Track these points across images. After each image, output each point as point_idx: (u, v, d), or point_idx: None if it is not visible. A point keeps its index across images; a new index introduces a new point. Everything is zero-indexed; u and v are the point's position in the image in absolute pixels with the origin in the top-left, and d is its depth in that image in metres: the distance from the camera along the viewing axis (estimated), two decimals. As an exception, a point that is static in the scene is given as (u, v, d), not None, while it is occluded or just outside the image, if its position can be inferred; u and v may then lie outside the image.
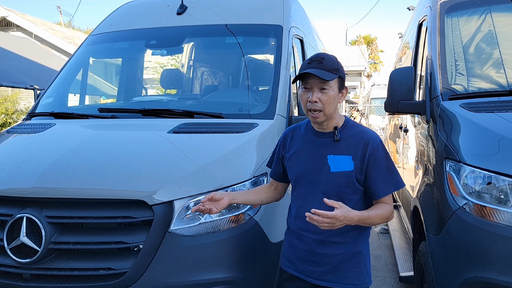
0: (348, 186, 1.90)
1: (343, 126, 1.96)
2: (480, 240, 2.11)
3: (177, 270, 2.18)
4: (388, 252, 4.98)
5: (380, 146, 1.92)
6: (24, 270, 2.19)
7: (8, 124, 9.50)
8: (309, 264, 1.97)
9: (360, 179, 1.90)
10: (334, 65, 1.88)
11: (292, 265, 2.04)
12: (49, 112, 3.44)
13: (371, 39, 41.67)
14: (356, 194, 1.93)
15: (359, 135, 1.93)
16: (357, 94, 31.79)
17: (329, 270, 1.94)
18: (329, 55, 1.93)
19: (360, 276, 1.96)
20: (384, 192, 1.90)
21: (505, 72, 2.85)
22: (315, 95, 1.85)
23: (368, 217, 1.84)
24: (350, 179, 1.89)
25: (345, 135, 1.94)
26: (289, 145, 2.08)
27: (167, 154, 2.57)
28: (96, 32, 4.14)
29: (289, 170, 2.07)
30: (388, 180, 1.91)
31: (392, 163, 1.95)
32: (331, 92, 1.86)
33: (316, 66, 1.84)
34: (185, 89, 4.70)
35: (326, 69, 1.85)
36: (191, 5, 3.95)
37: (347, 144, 1.92)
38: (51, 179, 2.33)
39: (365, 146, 1.90)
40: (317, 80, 1.85)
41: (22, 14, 15.00)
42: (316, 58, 1.88)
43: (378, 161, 1.90)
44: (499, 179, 2.13)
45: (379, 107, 15.62)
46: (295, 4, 4.25)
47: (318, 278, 1.96)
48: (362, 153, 1.89)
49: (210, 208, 1.98)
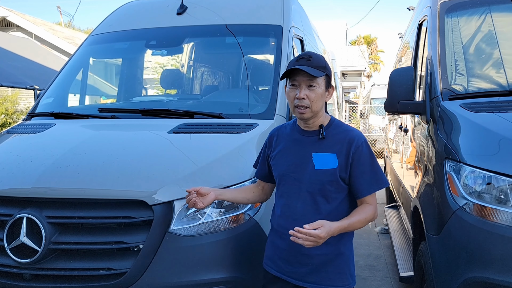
0: (332, 184, 1.91)
1: (328, 125, 1.99)
2: (480, 240, 2.11)
3: (177, 270, 2.18)
4: (388, 252, 4.98)
5: (364, 144, 1.94)
6: (24, 270, 2.19)
7: (8, 124, 9.50)
8: (292, 265, 1.98)
9: (345, 177, 1.92)
10: (322, 63, 1.91)
11: (275, 266, 2.04)
12: (49, 112, 3.44)
13: (371, 39, 41.66)
14: (341, 193, 1.94)
15: (343, 134, 1.96)
16: (357, 94, 31.78)
17: (312, 271, 1.94)
18: (316, 53, 1.96)
19: (342, 277, 1.96)
20: (368, 191, 1.92)
21: (505, 72, 2.85)
22: (303, 92, 1.88)
23: (349, 225, 1.86)
24: (334, 177, 1.90)
25: (330, 134, 1.96)
26: (274, 144, 2.09)
27: (167, 154, 2.57)
28: (96, 32, 4.14)
29: (274, 169, 2.08)
30: (372, 179, 1.93)
31: (376, 162, 1.96)
32: (318, 90, 1.89)
33: (304, 63, 1.87)
34: (185, 89, 4.70)
35: (314, 66, 1.87)
36: (191, 5, 3.95)
37: (331, 142, 1.94)
38: (51, 179, 2.33)
39: (349, 144, 1.92)
40: (305, 77, 1.87)
41: (22, 14, 15.00)
42: (304, 56, 1.91)
43: (362, 160, 1.92)
44: (499, 179, 2.13)
45: (379, 107, 15.61)
46: (295, 4, 4.25)
47: (300, 279, 1.96)
48: (347, 151, 1.91)
49: (196, 202, 1.96)
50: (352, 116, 17.93)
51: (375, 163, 1.95)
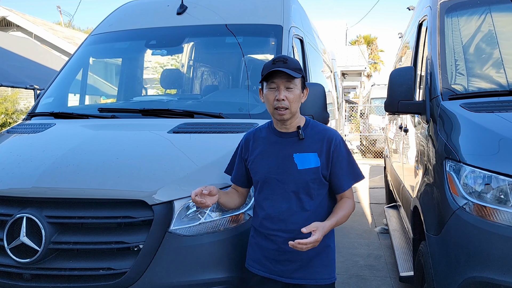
0: (315, 182, 1.98)
1: (305, 126, 2.05)
2: (480, 240, 2.11)
3: (177, 270, 2.18)
4: (388, 252, 4.98)
5: (342, 142, 2.04)
6: (24, 270, 2.19)
7: (8, 124, 9.50)
8: (280, 264, 2.01)
9: (326, 174, 2.00)
10: (298, 65, 1.97)
11: (262, 267, 2.06)
12: (49, 112, 3.44)
13: (371, 39, 41.66)
14: (323, 189, 2.02)
15: (322, 133, 2.03)
16: (357, 94, 31.79)
17: (300, 267, 2.00)
18: (290, 57, 2.02)
19: (329, 269, 2.04)
20: (347, 186, 2.03)
21: (505, 72, 2.85)
22: (282, 93, 1.93)
23: (337, 222, 1.95)
24: (317, 175, 1.97)
25: (308, 134, 2.03)
26: (251, 147, 2.12)
27: (167, 154, 2.57)
28: (96, 32, 4.14)
29: (253, 173, 2.09)
30: (349, 174, 2.03)
31: (352, 158, 2.07)
32: (296, 91, 1.96)
33: (282, 66, 1.92)
34: (185, 89, 4.70)
35: (291, 68, 1.93)
36: (191, 5, 3.95)
37: (311, 141, 2.01)
38: (51, 179, 2.33)
39: (329, 143, 2.00)
40: (284, 79, 1.93)
41: (22, 14, 15.00)
42: (279, 59, 1.96)
43: (341, 157, 2.01)
44: (499, 179, 2.13)
45: (379, 107, 15.61)
46: (295, 4, 4.25)
47: (289, 276, 2.01)
48: (327, 150, 1.99)
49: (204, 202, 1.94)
50: (352, 116, 17.92)
51: (352, 159, 2.06)
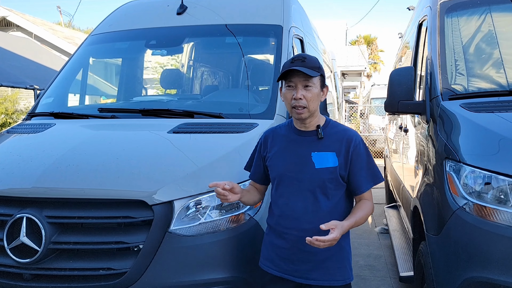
0: (332, 182, 1.96)
1: (325, 125, 2.04)
2: (480, 240, 2.11)
3: (177, 270, 2.18)
4: (388, 252, 4.98)
5: (361, 143, 2.01)
6: (24, 270, 2.19)
7: (8, 124, 9.50)
8: (293, 263, 2.00)
9: (344, 175, 1.98)
10: (316, 63, 1.96)
11: (274, 266, 2.06)
12: (49, 112, 3.44)
13: (371, 39, 41.64)
14: (340, 190, 2.00)
15: (341, 133, 2.02)
16: (357, 94, 31.78)
17: (314, 268, 1.98)
18: (310, 55, 2.02)
19: (343, 271, 2.01)
20: (366, 187, 2.00)
21: (505, 72, 2.85)
22: (300, 92, 1.93)
23: (355, 223, 1.93)
24: (334, 175, 1.96)
25: (327, 133, 2.01)
26: (270, 145, 2.12)
27: (167, 154, 2.57)
28: (96, 32, 4.14)
29: (271, 170, 2.10)
30: (368, 176, 2.01)
31: (372, 159, 2.04)
32: (314, 89, 1.94)
33: (300, 65, 1.92)
34: (185, 89, 4.70)
35: (309, 67, 1.92)
36: (191, 5, 3.95)
37: (329, 141, 2.00)
38: (51, 179, 2.33)
39: (348, 143, 1.98)
40: (301, 78, 1.92)
41: (22, 14, 15.00)
42: (298, 57, 1.96)
43: (360, 158, 1.99)
44: (499, 179, 2.13)
45: (379, 107, 15.61)
46: (295, 4, 4.25)
47: (302, 276, 2.00)
48: (345, 150, 1.97)
49: (227, 195, 1.97)
50: (352, 116, 17.92)
51: (371, 160, 2.03)
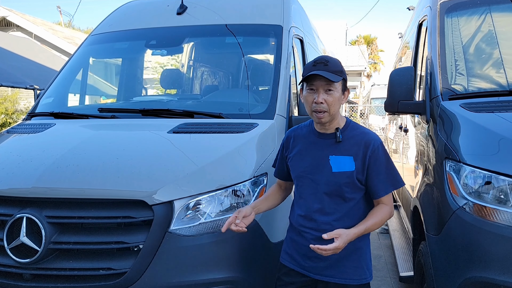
0: (348, 186, 1.95)
1: (344, 127, 2.02)
2: (480, 240, 2.11)
3: (177, 270, 2.18)
4: (388, 252, 4.98)
5: (380, 147, 1.98)
6: (24, 270, 2.19)
7: (8, 124, 9.50)
8: (311, 260, 2.03)
9: (362, 179, 1.96)
10: (339, 67, 1.94)
11: (293, 261, 2.09)
12: (49, 112, 3.44)
13: (371, 39, 41.63)
14: (357, 193, 1.98)
15: (360, 136, 1.99)
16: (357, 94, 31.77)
17: (330, 265, 2.00)
18: (332, 57, 1.99)
19: (360, 271, 2.02)
20: (384, 192, 1.97)
21: (505, 72, 2.85)
22: (321, 96, 1.90)
23: (365, 230, 1.92)
24: (351, 179, 1.94)
25: (346, 136, 1.99)
26: (291, 145, 2.14)
27: (167, 154, 2.57)
28: (96, 32, 4.14)
29: (291, 170, 2.13)
30: (387, 180, 1.97)
31: (391, 164, 2.01)
32: (336, 94, 1.92)
33: (322, 68, 1.89)
34: (185, 89, 4.70)
35: (331, 71, 1.89)
36: (191, 5, 3.95)
37: (348, 145, 1.97)
38: (51, 179, 2.33)
39: (366, 147, 1.95)
40: (323, 82, 1.90)
41: (22, 14, 15.00)
42: (320, 60, 1.93)
43: (379, 162, 1.96)
44: (499, 179, 2.13)
45: (379, 107, 15.62)
46: (295, 4, 4.25)
47: (319, 273, 2.02)
48: (363, 154, 1.95)
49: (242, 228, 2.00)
50: (352, 116, 17.93)
51: (391, 165, 2.00)
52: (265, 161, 2.56)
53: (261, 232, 2.38)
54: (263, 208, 2.18)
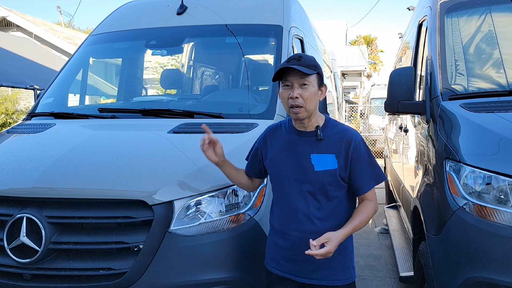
0: (332, 184, 1.94)
1: (324, 125, 2.00)
2: (480, 240, 2.11)
3: (177, 270, 2.18)
4: (388, 252, 4.98)
5: (362, 143, 1.98)
6: (24, 270, 2.19)
7: (8, 124, 9.50)
8: (296, 263, 2.00)
9: (344, 176, 1.95)
10: (312, 62, 1.93)
11: (278, 266, 2.06)
12: (49, 112, 3.44)
13: (371, 39, 41.64)
14: (341, 191, 1.97)
15: (341, 134, 1.98)
16: (357, 94, 31.78)
17: (317, 268, 1.98)
18: (306, 54, 1.99)
19: (346, 271, 2.01)
20: (368, 187, 1.97)
21: (505, 72, 2.85)
22: (296, 91, 1.89)
23: (353, 229, 1.91)
24: (334, 177, 1.93)
25: (327, 134, 1.98)
26: (269, 144, 2.10)
27: (167, 154, 2.57)
28: (96, 32, 4.14)
29: (270, 170, 2.09)
30: (370, 175, 1.97)
31: (373, 159, 2.01)
32: (311, 88, 1.91)
33: (295, 63, 1.89)
34: (185, 89, 4.70)
35: (305, 65, 1.89)
36: (191, 5, 3.95)
37: (329, 142, 1.96)
38: (51, 179, 2.33)
39: (347, 144, 1.94)
40: (297, 76, 1.89)
41: (22, 14, 15.00)
42: (294, 57, 1.94)
43: (361, 158, 1.95)
44: (499, 179, 2.13)
45: (379, 107, 15.62)
46: (295, 4, 4.25)
47: (306, 276, 2.00)
48: (345, 151, 1.94)
49: (206, 147, 2.06)
50: (352, 116, 17.92)
51: (373, 160, 2.00)
52: (265, 161, 2.56)
53: (261, 232, 2.38)
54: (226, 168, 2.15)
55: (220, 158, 2.11)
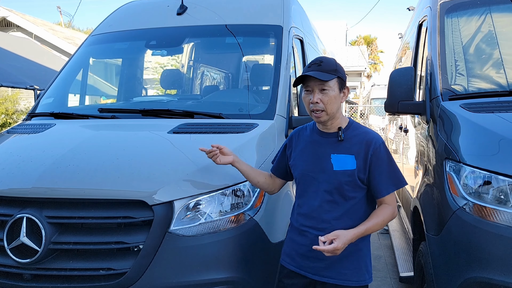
0: (349, 184, 1.97)
1: (347, 127, 2.05)
2: (480, 240, 2.11)
3: (177, 270, 2.18)
4: (388, 252, 4.98)
5: (382, 146, 1.99)
6: (24, 270, 2.19)
7: (8, 124, 9.50)
8: (309, 260, 2.03)
9: (363, 178, 1.97)
10: (332, 66, 1.97)
11: (292, 261, 2.10)
12: (49, 112, 3.44)
13: (371, 39, 41.60)
14: (358, 192, 1.99)
15: (362, 136, 2.01)
16: (357, 95, 31.78)
17: (328, 266, 2.00)
18: (328, 58, 2.03)
19: (358, 272, 2.02)
20: (387, 191, 1.98)
21: (505, 72, 2.85)
22: (316, 96, 1.95)
23: (366, 231, 1.92)
24: (352, 178, 1.96)
25: (348, 135, 2.02)
26: (294, 144, 2.18)
27: (167, 155, 2.57)
28: (96, 32, 4.14)
29: (293, 169, 2.16)
30: (389, 179, 1.98)
31: (394, 163, 2.02)
32: (331, 92, 1.95)
33: (315, 69, 1.95)
34: (185, 89, 4.70)
35: (324, 70, 1.94)
36: (191, 5, 3.95)
37: (350, 144, 2.00)
38: (51, 179, 2.33)
39: (367, 146, 1.97)
40: (317, 82, 1.95)
41: (22, 14, 15.01)
42: (315, 61, 1.99)
43: (380, 161, 1.97)
44: (499, 179, 2.13)
45: (379, 107, 15.62)
46: (295, 4, 4.25)
47: (317, 273, 2.02)
48: (365, 153, 1.97)
49: (216, 155, 2.20)
50: (352, 116, 17.93)
51: (393, 164, 2.01)
52: (265, 161, 2.56)
53: (261, 232, 2.38)
54: (242, 167, 2.25)
55: (232, 155, 2.22)
